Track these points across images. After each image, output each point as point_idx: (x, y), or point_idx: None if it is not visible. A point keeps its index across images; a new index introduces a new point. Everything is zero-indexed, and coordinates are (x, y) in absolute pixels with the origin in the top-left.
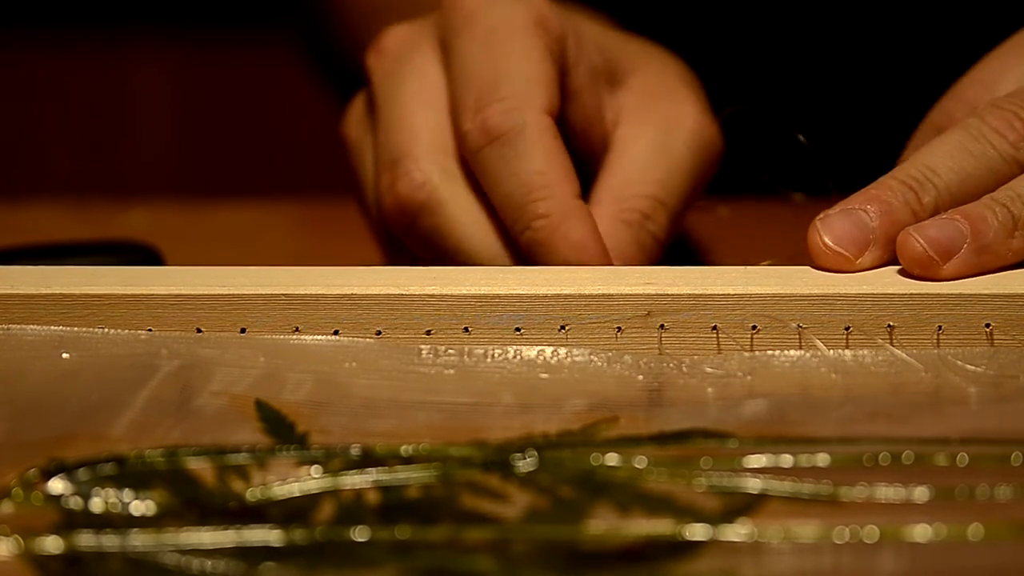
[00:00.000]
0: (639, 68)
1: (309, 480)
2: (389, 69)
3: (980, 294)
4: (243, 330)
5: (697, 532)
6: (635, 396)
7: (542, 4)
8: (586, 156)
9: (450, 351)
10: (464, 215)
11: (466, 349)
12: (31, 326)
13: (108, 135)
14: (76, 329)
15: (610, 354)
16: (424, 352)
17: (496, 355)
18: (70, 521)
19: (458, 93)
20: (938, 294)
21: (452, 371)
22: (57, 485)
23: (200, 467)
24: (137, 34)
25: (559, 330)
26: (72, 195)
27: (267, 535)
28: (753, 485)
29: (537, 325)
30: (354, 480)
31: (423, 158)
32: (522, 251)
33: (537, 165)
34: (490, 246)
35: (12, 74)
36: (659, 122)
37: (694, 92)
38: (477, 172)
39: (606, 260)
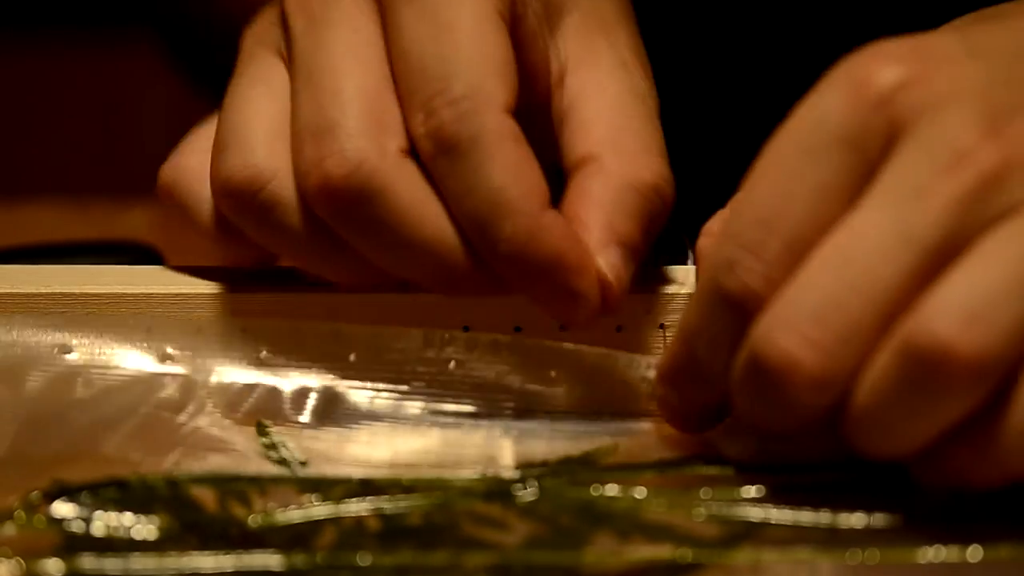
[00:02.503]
0: (576, 2)
1: (310, 507)
2: (315, 14)
3: None
4: (244, 329)
5: (696, 559)
6: (636, 389)
7: None
8: (533, 109)
9: (457, 339)
10: (411, 203)
11: (469, 337)
12: (31, 329)
13: (108, 135)
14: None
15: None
16: (429, 340)
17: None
18: (72, 544)
19: (404, 80)
20: None
21: (453, 363)
22: (60, 508)
23: (202, 492)
24: (137, 34)
25: (559, 329)
26: (72, 195)
27: (268, 560)
28: (753, 514)
29: (537, 324)
30: (355, 508)
31: (357, 133)
32: (492, 263)
33: (497, 181)
34: (445, 240)
35: (12, 74)
36: (616, 68)
37: (633, 29)
38: (434, 179)
39: (586, 264)
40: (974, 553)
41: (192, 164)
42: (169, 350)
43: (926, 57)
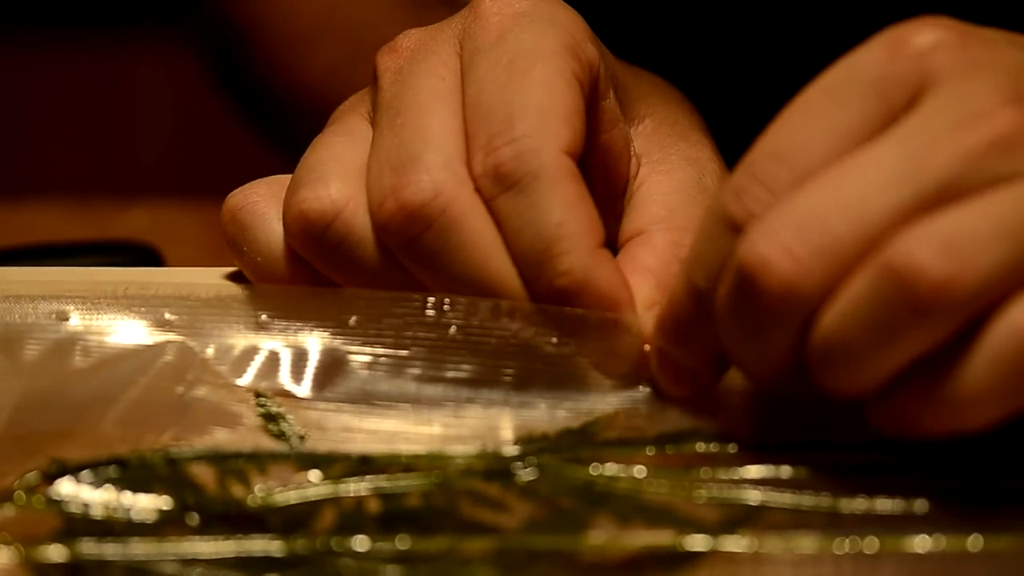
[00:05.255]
0: (652, 110)
1: (309, 487)
2: (403, 67)
3: None
4: (242, 294)
5: (697, 543)
6: (639, 354)
7: (577, 28)
8: (606, 194)
9: (458, 304)
10: (481, 238)
11: (470, 302)
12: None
13: (108, 135)
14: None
15: None
16: (430, 303)
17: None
18: (71, 527)
19: (471, 124)
20: None
21: (453, 328)
22: (59, 488)
23: (201, 470)
24: (137, 34)
25: None
26: (72, 195)
27: (268, 545)
28: (753, 497)
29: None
30: (354, 488)
31: (436, 167)
32: (544, 299)
33: (556, 216)
34: (509, 278)
35: (12, 74)
36: (686, 162)
37: (707, 136)
38: (494, 218)
39: (632, 308)
40: (974, 543)
41: (262, 190)
42: (167, 316)
43: (968, 32)
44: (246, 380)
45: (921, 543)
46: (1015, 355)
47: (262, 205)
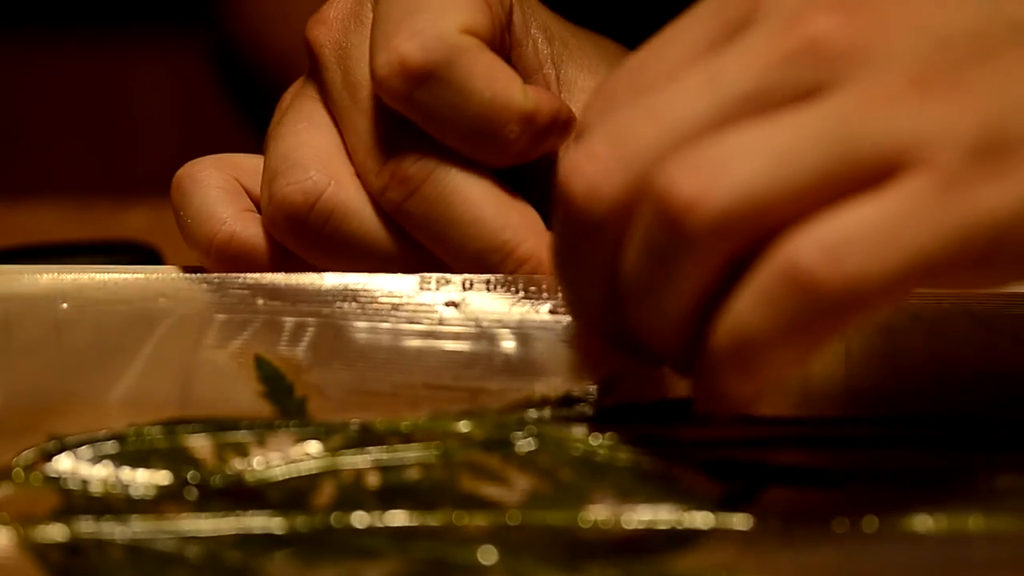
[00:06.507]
0: (596, 73)
1: (308, 460)
2: (339, 41)
3: None
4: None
5: (697, 521)
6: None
7: None
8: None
9: (451, 278)
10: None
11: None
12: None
13: (108, 135)
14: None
15: None
16: (431, 281)
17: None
18: (69, 505)
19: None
20: None
21: (452, 301)
22: (57, 465)
23: (200, 443)
24: (137, 34)
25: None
26: (72, 195)
27: (267, 522)
28: (753, 469)
29: None
30: (353, 460)
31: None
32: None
33: (486, 94)
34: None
35: (12, 74)
36: None
37: None
38: (416, 121)
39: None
40: (976, 522)
41: (210, 162)
42: (164, 288)
43: None
44: (245, 346)
45: (921, 523)
46: (783, 292)
47: (205, 173)
